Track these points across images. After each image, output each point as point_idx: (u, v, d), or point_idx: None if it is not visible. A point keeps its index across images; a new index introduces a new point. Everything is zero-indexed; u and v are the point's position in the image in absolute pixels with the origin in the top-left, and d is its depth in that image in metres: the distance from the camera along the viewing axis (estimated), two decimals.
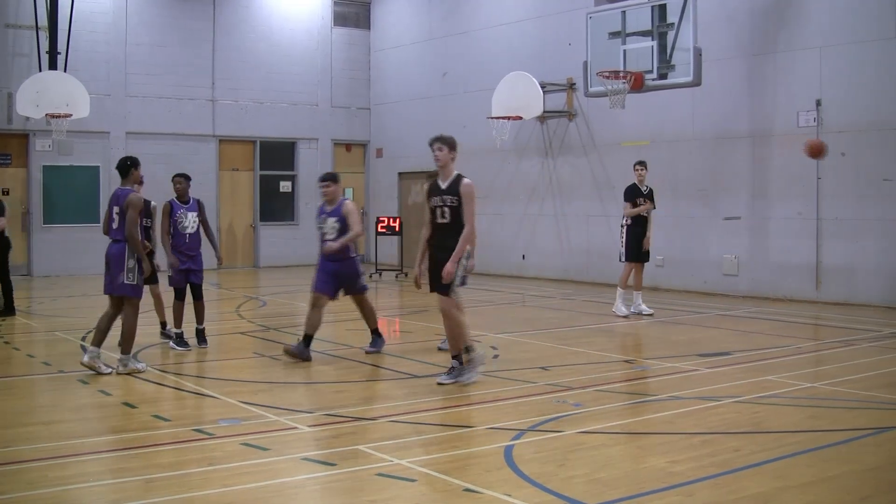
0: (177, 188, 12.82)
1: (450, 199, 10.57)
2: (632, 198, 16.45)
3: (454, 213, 10.46)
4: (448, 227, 10.48)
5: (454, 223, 10.46)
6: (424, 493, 6.56)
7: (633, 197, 16.45)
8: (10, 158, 24.13)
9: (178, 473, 7.04)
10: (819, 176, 17.82)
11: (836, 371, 11.26)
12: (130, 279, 11.01)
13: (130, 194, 11.10)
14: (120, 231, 11.05)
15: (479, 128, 24.06)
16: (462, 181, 10.61)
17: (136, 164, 11.45)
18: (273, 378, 10.99)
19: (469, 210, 10.51)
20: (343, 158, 29.16)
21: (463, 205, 10.51)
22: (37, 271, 24.10)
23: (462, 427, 8.39)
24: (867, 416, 8.98)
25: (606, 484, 6.73)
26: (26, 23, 23.76)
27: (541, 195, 23.60)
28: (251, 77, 27.27)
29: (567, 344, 13.21)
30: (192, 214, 12.69)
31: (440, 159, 10.62)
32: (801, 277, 18.16)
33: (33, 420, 8.96)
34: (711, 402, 9.50)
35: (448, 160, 10.70)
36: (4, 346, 13.22)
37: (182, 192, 12.80)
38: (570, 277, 22.54)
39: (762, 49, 18.74)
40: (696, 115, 19.87)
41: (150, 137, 25.49)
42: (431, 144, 10.71)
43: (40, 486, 6.67)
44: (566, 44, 22.19)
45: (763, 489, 6.61)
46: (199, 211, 12.77)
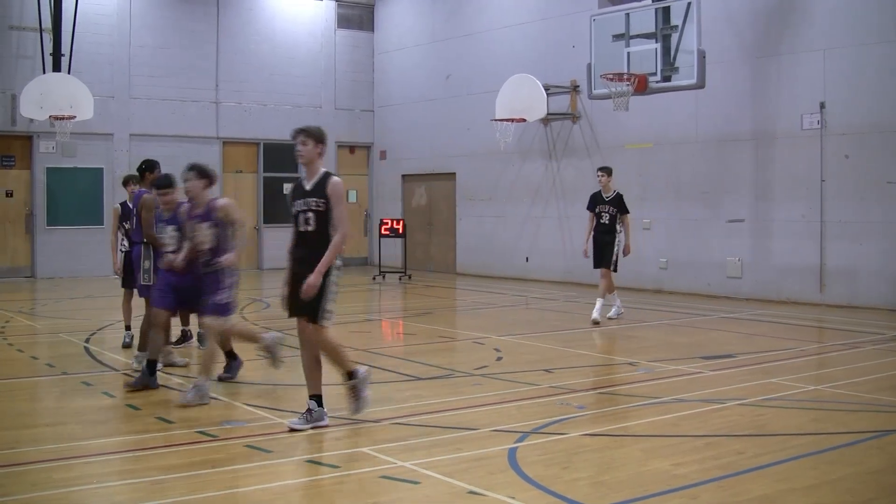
0: None
1: (314, 202, 8.37)
2: (592, 206, 15.97)
3: (320, 219, 8.35)
4: (313, 235, 8.38)
5: (320, 231, 8.36)
6: (428, 496, 6.56)
7: (593, 205, 15.97)
8: (14, 160, 24.16)
9: (181, 475, 7.04)
10: (822, 178, 17.82)
11: (839, 374, 11.25)
12: (146, 280, 11.38)
13: (143, 195, 11.32)
14: (137, 233, 11.50)
15: (482, 130, 24.09)
16: (330, 179, 8.40)
17: (151, 168, 11.74)
18: (277, 380, 10.99)
19: (339, 213, 8.35)
20: (347, 160, 29.18)
21: (332, 208, 8.32)
22: (40, 273, 24.12)
23: (466, 429, 8.38)
24: (871, 418, 8.97)
25: (610, 486, 6.73)
26: (30, 24, 23.78)
27: (544, 197, 23.59)
28: (255, 79, 27.29)
29: (570, 346, 13.20)
30: None
31: (303, 155, 8.42)
32: (805, 280, 18.15)
33: (37, 422, 8.97)
34: (715, 404, 9.49)
35: (314, 156, 8.47)
36: (8, 348, 13.23)
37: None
38: (573, 280, 22.53)
39: (766, 51, 18.74)
40: (700, 118, 19.86)
41: (153, 139, 25.49)
42: (294, 137, 8.52)
43: (45, 488, 6.68)
44: (570, 46, 22.20)
45: (767, 492, 6.60)
46: None
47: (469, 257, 25.90)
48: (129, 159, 25.10)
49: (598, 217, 15.82)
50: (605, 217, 15.71)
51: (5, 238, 24.06)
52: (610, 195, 15.84)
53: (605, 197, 15.82)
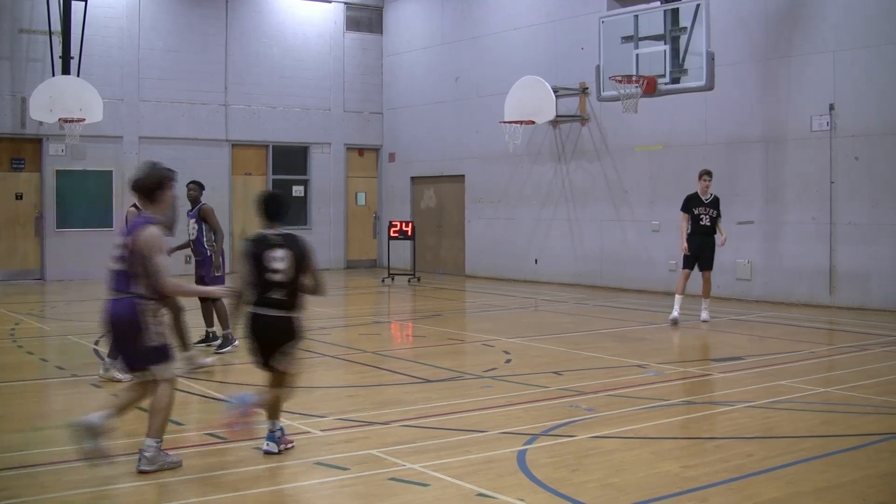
0: (188, 195, 12.86)
1: None
2: (687, 208, 16.23)
3: None
4: None
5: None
6: (438, 498, 6.56)
7: (688, 206, 16.22)
8: (24, 163, 24.21)
9: (191, 478, 7.05)
10: (832, 180, 17.78)
11: (849, 376, 11.23)
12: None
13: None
14: None
15: (491, 132, 24.09)
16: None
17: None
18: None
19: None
20: (356, 163, 29.19)
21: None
22: (50, 275, 24.17)
23: (475, 431, 8.38)
24: (881, 421, 8.95)
25: (620, 489, 6.72)
26: (40, 28, 23.84)
27: (554, 200, 23.58)
28: (264, 82, 27.32)
29: (580, 348, 13.19)
30: (192, 221, 12.80)
31: None
32: (815, 282, 18.11)
33: (47, 424, 8.99)
34: (725, 406, 9.47)
35: None
36: (17, 351, 13.26)
37: (193, 200, 12.85)
38: (582, 282, 22.51)
39: (775, 53, 18.70)
40: (709, 120, 19.83)
41: (163, 142, 25.55)
42: None
43: (54, 490, 6.70)
44: (579, 48, 22.18)
45: (776, 494, 6.59)
46: (197, 217, 12.82)
47: (478, 260, 25.89)
48: (138, 162, 25.13)
49: (697, 219, 16.11)
50: (706, 219, 16.08)
51: (15, 241, 24.11)
52: (709, 198, 16.19)
53: (703, 199, 16.05)
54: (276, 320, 7.50)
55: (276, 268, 7.48)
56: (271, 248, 7.55)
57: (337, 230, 28.50)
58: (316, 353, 12.77)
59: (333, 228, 28.41)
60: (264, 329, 7.52)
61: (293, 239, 7.67)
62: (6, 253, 23.99)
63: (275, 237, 7.62)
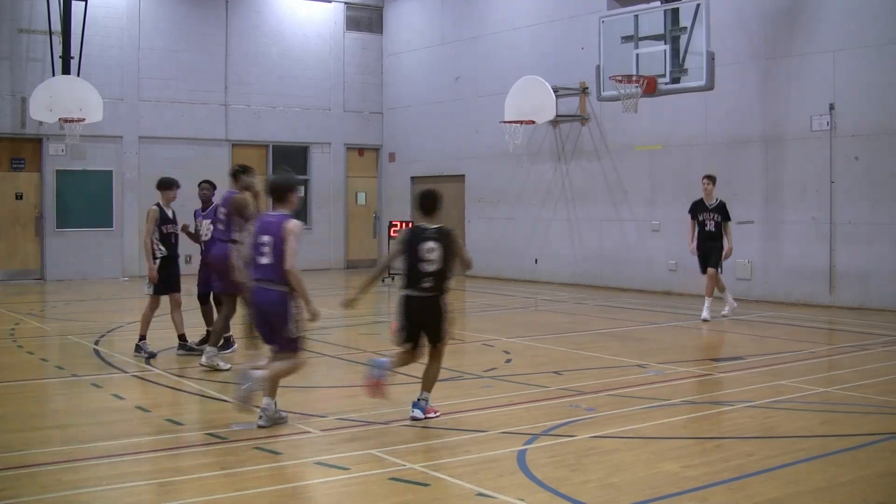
0: (202, 195, 12.77)
1: None
2: (693, 212, 16.44)
3: None
4: None
5: None
6: (437, 498, 6.56)
7: (695, 211, 16.43)
8: (24, 163, 24.21)
9: (191, 477, 7.06)
10: (832, 180, 17.78)
11: (849, 376, 11.23)
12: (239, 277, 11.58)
13: (234, 196, 11.84)
14: (226, 232, 11.87)
15: (491, 132, 24.10)
16: None
17: (246, 171, 12.02)
18: (286, 382, 10.99)
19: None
20: (356, 163, 29.19)
21: None
22: (50, 275, 24.16)
23: (475, 431, 8.38)
24: (881, 421, 8.95)
25: (620, 489, 6.72)
26: (40, 28, 23.84)
27: (554, 199, 23.58)
28: (264, 81, 27.32)
29: (580, 348, 13.19)
30: (207, 222, 12.56)
31: None
32: (815, 282, 18.11)
33: (47, 424, 8.99)
34: (725, 406, 9.47)
35: None
36: (18, 350, 13.26)
37: (206, 199, 12.76)
38: (582, 282, 22.51)
39: (775, 53, 18.70)
40: (709, 120, 19.83)
41: (162, 142, 25.57)
42: None
43: (53, 490, 6.69)
44: (579, 48, 22.18)
45: (776, 494, 6.59)
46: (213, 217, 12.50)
47: (478, 259, 25.64)
48: (138, 162, 25.18)
49: (702, 225, 16.21)
50: (711, 224, 16.20)
51: (15, 240, 24.11)
52: (713, 203, 16.25)
53: (708, 205, 16.10)
54: (426, 302, 8.72)
55: (428, 258, 8.69)
56: (425, 240, 8.73)
57: (337, 230, 28.50)
58: (316, 353, 12.77)
59: (333, 228, 28.41)
60: (416, 310, 8.76)
61: (444, 233, 8.82)
62: (6, 253, 23.99)
63: (429, 231, 8.79)
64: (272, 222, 8.52)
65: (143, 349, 12.32)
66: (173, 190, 12.52)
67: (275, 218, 8.55)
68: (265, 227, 8.55)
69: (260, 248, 8.50)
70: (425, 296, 8.73)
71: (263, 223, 8.66)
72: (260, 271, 8.49)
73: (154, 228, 12.23)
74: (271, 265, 8.40)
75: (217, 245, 12.00)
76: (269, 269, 8.42)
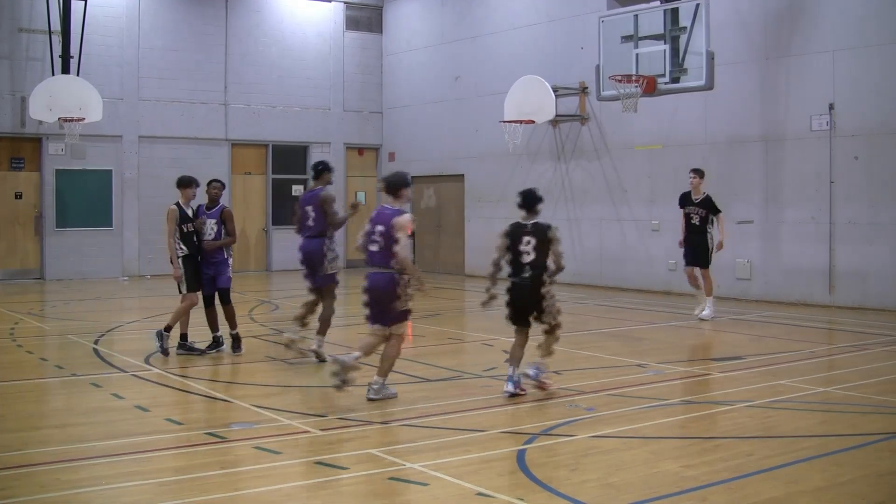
0: (212, 194, 12.68)
1: None
2: (682, 204, 16.38)
3: None
4: None
5: None
6: (437, 498, 6.55)
7: (683, 204, 16.36)
8: (24, 162, 24.20)
9: (190, 477, 7.06)
10: (832, 180, 17.78)
11: (849, 375, 11.23)
12: (331, 269, 12.18)
13: (325, 191, 12.21)
14: (315, 227, 12.10)
15: (491, 132, 24.09)
16: None
17: (328, 168, 12.42)
18: (285, 382, 11.01)
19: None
20: (355, 162, 29.19)
21: None
22: (49, 275, 24.16)
23: (475, 431, 8.38)
24: (880, 420, 8.95)
25: (619, 488, 6.72)
26: (39, 27, 23.83)
27: (553, 199, 23.55)
28: (263, 81, 27.31)
29: (579, 348, 13.18)
30: (212, 221, 12.46)
31: None
32: (814, 282, 18.10)
33: (46, 423, 8.99)
34: (724, 406, 9.47)
35: None
36: (17, 350, 13.26)
37: (214, 199, 12.66)
38: (582, 281, 22.50)
39: (774, 53, 18.70)
40: (709, 119, 19.83)
41: (162, 141, 25.57)
42: None
43: (52, 490, 6.69)
44: (578, 48, 22.18)
45: (776, 494, 6.59)
46: (218, 217, 12.48)
47: (478, 259, 25.85)
48: (137, 161, 25.17)
49: (687, 218, 16.15)
50: (696, 218, 16.10)
51: (15, 240, 24.10)
52: (699, 197, 16.13)
53: (694, 199, 16.03)
54: (526, 289, 9.87)
55: (525, 250, 9.90)
56: (523, 234, 9.97)
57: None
58: None
59: None
60: (519, 296, 9.95)
61: (541, 228, 9.98)
62: (6, 252, 23.98)
63: (527, 226, 10.02)
64: (386, 215, 9.67)
65: (161, 341, 12.30)
66: (192, 188, 12.45)
67: (389, 211, 9.69)
68: (379, 219, 9.71)
69: (372, 236, 9.71)
70: (525, 283, 9.86)
71: (378, 215, 9.79)
72: (372, 257, 9.75)
73: (175, 228, 12.19)
74: (380, 252, 9.62)
75: (308, 240, 12.25)
76: (378, 256, 9.65)
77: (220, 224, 12.47)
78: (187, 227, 12.26)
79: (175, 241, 12.21)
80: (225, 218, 12.50)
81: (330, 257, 12.15)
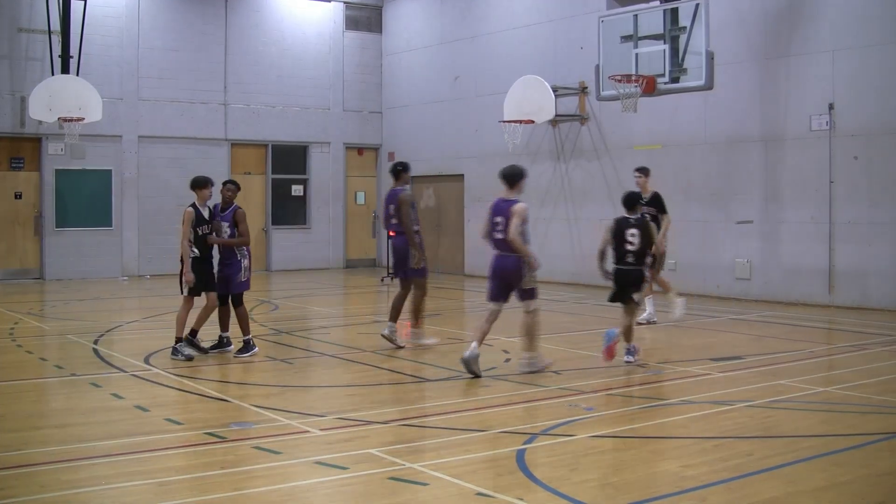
0: (226, 196, 12.60)
1: None
2: None
3: None
4: None
5: None
6: (437, 497, 6.55)
7: None
8: (23, 162, 24.20)
9: (190, 477, 7.06)
10: (831, 179, 17.78)
11: (848, 375, 11.23)
12: (417, 263, 13.00)
13: (403, 192, 13.06)
14: (399, 225, 13.02)
15: (490, 132, 24.08)
16: None
17: (406, 168, 13.50)
18: (285, 382, 11.01)
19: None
20: (355, 162, 29.19)
21: None
22: (49, 274, 24.15)
23: (474, 431, 8.38)
24: (880, 420, 8.95)
25: (619, 488, 6.72)
26: (39, 27, 23.82)
27: (553, 199, 23.58)
28: (263, 81, 27.31)
29: (579, 348, 13.19)
30: (225, 224, 12.29)
31: None
32: (814, 281, 18.10)
33: (46, 423, 8.99)
34: (724, 406, 9.47)
35: None
36: (17, 350, 13.26)
37: (228, 201, 12.55)
38: (582, 281, 22.48)
39: (774, 52, 18.70)
40: (709, 119, 19.83)
41: (162, 141, 25.57)
42: None
43: (52, 489, 6.69)
44: (578, 47, 22.18)
45: (775, 494, 6.59)
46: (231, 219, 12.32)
47: (477, 258, 25.82)
48: (137, 161, 25.17)
49: None
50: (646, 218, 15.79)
51: (14, 240, 24.10)
52: (647, 196, 15.61)
53: (643, 198, 15.56)
54: (629, 273, 11.66)
55: (631, 241, 11.58)
56: (629, 227, 11.66)
57: (336, 229, 28.49)
58: (315, 352, 12.78)
59: (333, 228, 28.40)
60: (622, 279, 11.71)
61: (643, 223, 11.78)
62: (5, 252, 23.97)
63: (632, 220, 11.73)
64: (504, 205, 11.14)
65: (179, 352, 12.07)
66: (208, 189, 12.27)
67: (506, 203, 11.14)
68: (497, 209, 11.19)
69: (495, 226, 11.11)
70: (628, 268, 11.65)
71: (496, 206, 11.25)
72: (496, 244, 11.13)
73: (189, 230, 12.05)
74: (503, 239, 11.00)
75: (396, 237, 13.21)
76: (502, 243, 11.03)
77: (233, 226, 12.33)
78: (202, 229, 12.10)
79: (188, 244, 12.05)
80: (237, 219, 12.29)
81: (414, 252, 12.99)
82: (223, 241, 12.30)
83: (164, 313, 13.04)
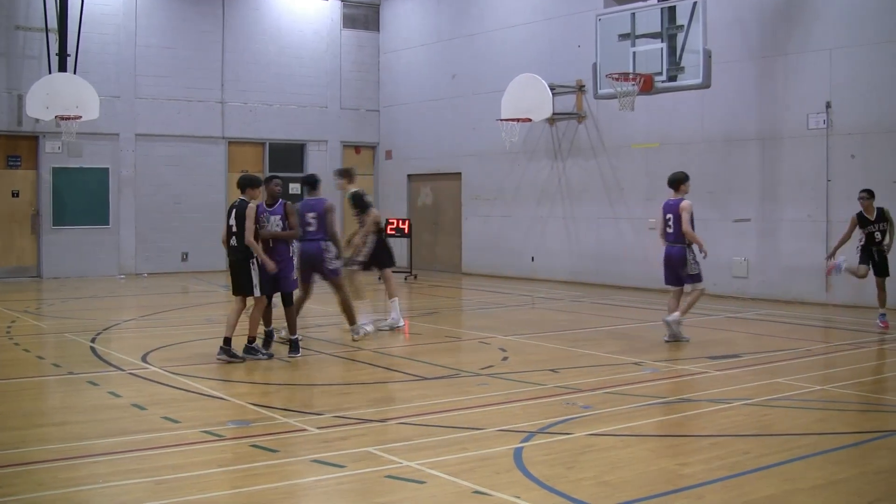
0: (274, 191, 12.49)
1: None
2: None
3: None
4: None
5: None
6: (434, 496, 6.56)
7: None
8: (20, 160, 24.18)
9: (187, 475, 7.06)
10: (829, 178, 17.79)
11: (845, 374, 11.24)
12: None
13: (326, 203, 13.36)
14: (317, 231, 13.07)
15: (488, 130, 24.08)
16: None
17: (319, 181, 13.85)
18: (282, 380, 11.01)
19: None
20: (352, 160, 29.12)
21: None
22: (46, 273, 24.14)
23: (471, 429, 8.38)
24: (877, 419, 8.96)
25: (616, 486, 6.73)
26: (36, 25, 23.81)
27: (550, 197, 23.58)
28: (260, 79, 27.29)
29: (576, 346, 13.20)
30: (276, 218, 12.22)
31: None
32: (811, 280, 18.12)
33: (44, 421, 8.98)
34: (721, 404, 9.48)
35: None
36: (14, 348, 13.25)
37: (276, 196, 12.49)
38: (579, 280, 22.52)
39: (772, 51, 18.71)
40: (706, 118, 19.84)
41: (159, 139, 25.54)
42: None
43: (51, 487, 6.69)
44: (575, 46, 22.19)
45: (772, 492, 6.60)
46: (282, 213, 12.26)
47: (475, 257, 25.89)
48: (134, 159, 25.16)
49: None
50: None
51: (11, 238, 24.08)
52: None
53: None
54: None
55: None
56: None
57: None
58: (313, 351, 12.78)
59: None
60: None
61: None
62: (3, 250, 23.96)
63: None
64: (672, 205, 13.46)
65: (258, 351, 12.09)
66: (260, 188, 12.19)
67: (674, 201, 13.45)
68: (668, 209, 13.52)
69: (667, 223, 13.46)
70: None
71: (666, 206, 13.58)
72: (668, 237, 13.54)
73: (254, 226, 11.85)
74: (673, 232, 13.39)
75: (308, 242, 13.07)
76: (672, 235, 13.43)
77: (284, 220, 12.24)
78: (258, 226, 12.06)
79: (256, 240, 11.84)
80: (288, 212, 12.25)
81: None
82: (276, 235, 12.17)
83: (163, 312, 13.04)
